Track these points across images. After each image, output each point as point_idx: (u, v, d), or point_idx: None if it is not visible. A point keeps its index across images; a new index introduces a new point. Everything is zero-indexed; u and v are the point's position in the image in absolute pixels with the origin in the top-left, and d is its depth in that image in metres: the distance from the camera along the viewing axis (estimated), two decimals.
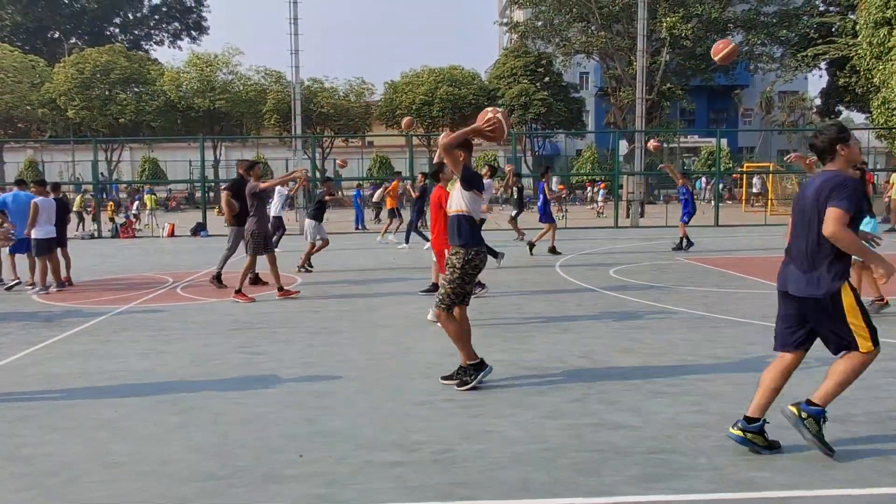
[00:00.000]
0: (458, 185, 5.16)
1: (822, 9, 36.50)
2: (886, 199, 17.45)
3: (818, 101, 41.63)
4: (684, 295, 9.09)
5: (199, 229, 21.43)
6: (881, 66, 25.09)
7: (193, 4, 65.66)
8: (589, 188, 43.04)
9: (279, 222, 15.78)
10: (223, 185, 9.71)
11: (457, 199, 5.17)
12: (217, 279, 10.38)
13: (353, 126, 47.78)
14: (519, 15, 47.55)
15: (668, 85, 37.72)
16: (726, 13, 37.91)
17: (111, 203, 25.47)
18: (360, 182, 28.31)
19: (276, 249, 15.46)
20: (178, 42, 65.62)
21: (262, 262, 9.48)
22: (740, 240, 17.15)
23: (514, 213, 15.41)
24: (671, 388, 5.13)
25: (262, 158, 37.44)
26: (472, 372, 5.16)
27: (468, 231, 5.08)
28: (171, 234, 21.88)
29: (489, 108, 5.10)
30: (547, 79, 44.85)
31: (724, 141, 37.09)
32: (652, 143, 14.60)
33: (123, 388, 5.39)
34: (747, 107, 53.40)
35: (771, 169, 33.65)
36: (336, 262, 13.70)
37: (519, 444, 4.12)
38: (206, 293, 10.00)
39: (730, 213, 28.08)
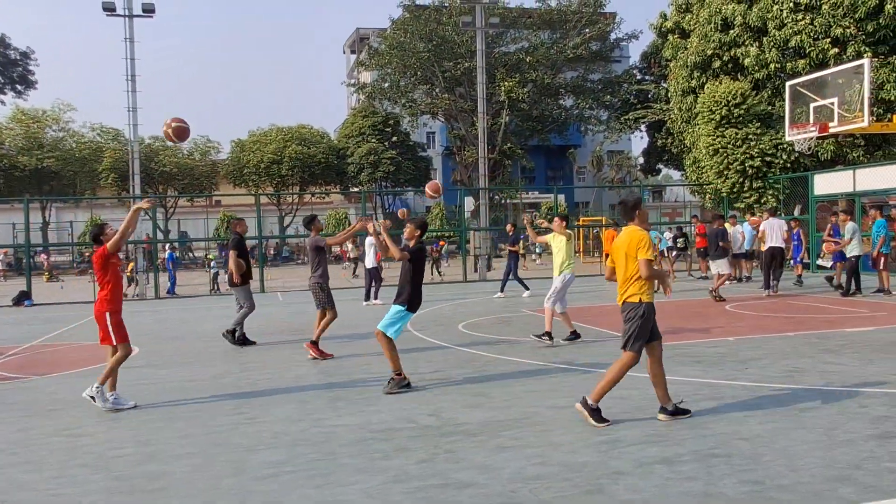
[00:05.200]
0: None
1: (639, 77, 40.43)
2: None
3: (641, 160, 45.61)
4: (528, 346, 9.45)
5: (23, 298, 19.56)
6: (690, 130, 27.98)
7: (19, 57, 61.12)
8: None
9: (376, 273, 16.09)
10: (229, 245, 10.60)
11: None
12: (232, 334, 10.37)
13: (198, 185, 46.11)
14: (366, 76, 48.58)
15: (509, 144, 39.87)
16: (557, 79, 41.04)
17: None
18: (175, 245, 27.07)
19: (376, 301, 15.87)
20: (1, 96, 60.63)
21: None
22: (580, 291, 18.14)
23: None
24: (515, 441, 5.28)
25: (98, 220, 35.12)
26: None
27: None
28: None
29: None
30: (395, 138, 45.91)
31: (561, 196, 39.59)
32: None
33: None
34: (581, 165, 57.53)
35: (604, 222, 36.15)
36: (180, 329, 12.97)
37: None
38: (26, 369, 9.08)
39: None
